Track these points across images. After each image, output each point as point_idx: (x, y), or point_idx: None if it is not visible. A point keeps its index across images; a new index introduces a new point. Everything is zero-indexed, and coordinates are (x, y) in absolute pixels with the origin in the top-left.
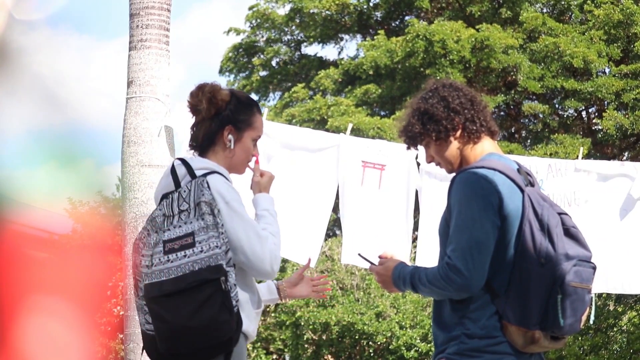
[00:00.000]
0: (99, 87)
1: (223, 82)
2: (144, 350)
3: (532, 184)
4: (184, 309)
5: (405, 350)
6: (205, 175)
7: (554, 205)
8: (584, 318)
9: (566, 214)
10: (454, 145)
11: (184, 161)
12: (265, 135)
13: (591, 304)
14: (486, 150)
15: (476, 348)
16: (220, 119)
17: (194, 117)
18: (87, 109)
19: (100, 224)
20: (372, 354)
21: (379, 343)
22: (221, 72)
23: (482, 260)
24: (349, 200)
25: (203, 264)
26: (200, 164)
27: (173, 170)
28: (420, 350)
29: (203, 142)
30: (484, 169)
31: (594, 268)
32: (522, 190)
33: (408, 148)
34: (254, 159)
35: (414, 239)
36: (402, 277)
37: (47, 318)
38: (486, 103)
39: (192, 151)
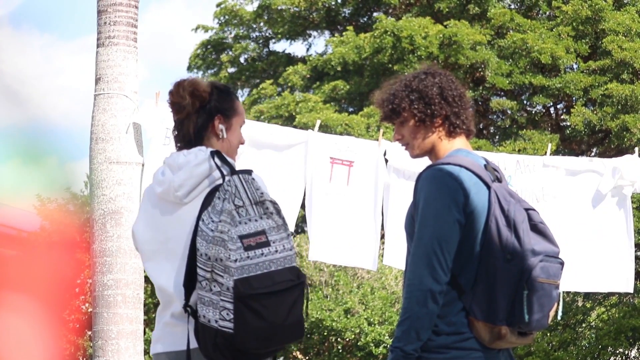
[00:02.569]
0: (62, 85)
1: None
2: (212, 347)
3: (499, 180)
4: (280, 308)
5: (373, 347)
6: (249, 172)
7: (521, 201)
8: (551, 314)
9: (534, 209)
10: (431, 133)
11: (217, 152)
12: None
13: (559, 300)
14: (456, 146)
15: (444, 345)
16: (207, 111)
17: (177, 115)
18: (51, 107)
19: (69, 221)
20: (340, 351)
21: (347, 339)
22: (189, 69)
23: (444, 253)
24: (317, 197)
25: (279, 264)
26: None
27: (213, 160)
28: (388, 346)
29: (194, 137)
30: (450, 166)
31: (562, 264)
32: (488, 187)
33: (383, 119)
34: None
35: (382, 236)
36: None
37: (15, 315)
38: (472, 103)
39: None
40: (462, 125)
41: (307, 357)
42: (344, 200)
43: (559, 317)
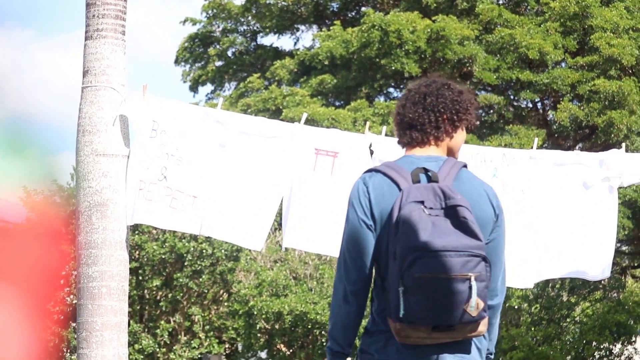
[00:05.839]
0: (43, 80)
1: (178, 72)
2: None
3: (435, 180)
4: None
5: (357, 340)
6: None
7: (451, 198)
8: (469, 306)
9: (461, 205)
10: None
11: None
12: (219, 123)
13: (471, 292)
14: (406, 154)
15: (370, 342)
16: None
17: None
18: (32, 101)
19: (55, 212)
20: (324, 343)
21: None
22: (177, 62)
23: (352, 255)
24: (299, 186)
25: None
26: None
27: None
28: None
29: None
30: (370, 172)
31: (474, 256)
32: (400, 190)
33: None
34: None
35: None
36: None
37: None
38: (404, 117)
39: None
40: (398, 137)
41: (291, 350)
42: (327, 189)
43: (470, 309)
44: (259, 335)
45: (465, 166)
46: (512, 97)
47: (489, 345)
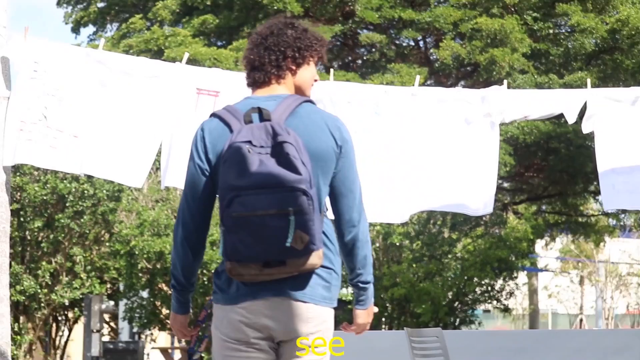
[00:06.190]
0: None
1: (60, 14)
2: None
3: (267, 120)
4: None
5: None
6: None
7: (279, 135)
8: (291, 240)
9: (287, 142)
10: None
11: None
12: (100, 63)
13: (290, 226)
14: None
15: (218, 281)
16: None
17: None
18: None
19: None
20: (206, 282)
21: (213, 271)
22: (59, 4)
23: (189, 200)
24: (181, 125)
25: None
26: None
27: None
28: None
29: None
30: (210, 117)
31: (295, 190)
32: (232, 132)
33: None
34: None
35: None
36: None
37: None
38: (249, 58)
39: None
40: (246, 80)
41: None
42: None
43: (287, 244)
44: (140, 274)
45: (309, 101)
46: (394, 35)
47: (361, 275)
